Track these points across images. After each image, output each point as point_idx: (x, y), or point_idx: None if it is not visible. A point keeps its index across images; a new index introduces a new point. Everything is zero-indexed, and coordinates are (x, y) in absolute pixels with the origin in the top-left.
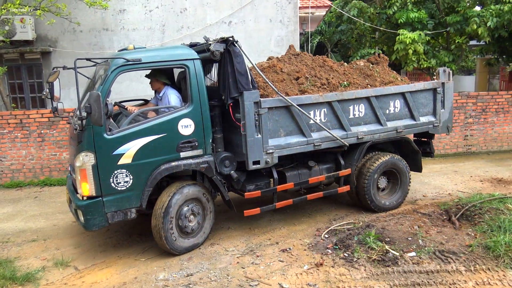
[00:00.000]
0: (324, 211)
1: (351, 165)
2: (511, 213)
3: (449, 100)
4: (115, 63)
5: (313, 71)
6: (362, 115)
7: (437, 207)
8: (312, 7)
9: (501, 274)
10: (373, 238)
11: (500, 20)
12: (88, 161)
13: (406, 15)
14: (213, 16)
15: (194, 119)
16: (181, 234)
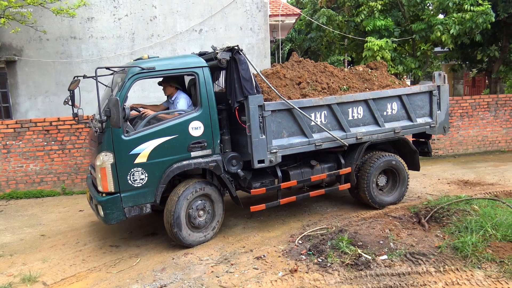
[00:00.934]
0: (297, 217)
1: (351, 164)
2: (477, 214)
3: (445, 102)
4: (131, 71)
5: (314, 76)
6: (361, 116)
7: (407, 210)
8: (282, 15)
9: (469, 273)
10: (346, 242)
11: (462, 27)
12: (108, 160)
13: (373, 23)
14: (183, 24)
15: (203, 122)
16: (191, 228)
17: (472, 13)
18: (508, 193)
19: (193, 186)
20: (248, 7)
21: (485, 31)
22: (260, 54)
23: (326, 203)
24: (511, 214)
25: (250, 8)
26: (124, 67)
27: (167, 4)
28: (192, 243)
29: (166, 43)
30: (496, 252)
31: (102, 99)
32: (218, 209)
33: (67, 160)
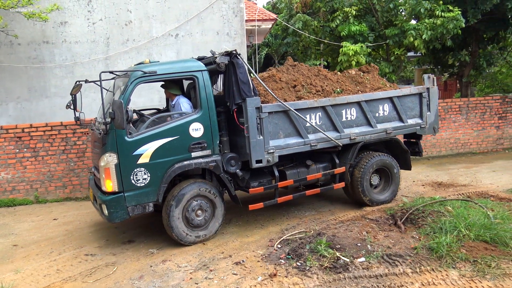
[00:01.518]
0: (276, 221)
1: (345, 163)
2: (451, 215)
3: (434, 104)
4: (134, 75)
5: (309, 79)
6: (354, 118)
7: (384, 212)
8: (259, 20)
9: (444, 274)
10: (324, 245)
11: (434, 33)
12: (112, 161)
13: (348, 28)
14: (159, 29)
15: (203, 123)
16: (188, 227)
17: (443, 19)
18: (480, 194)
19: (192, 186)
20: (224, 12)
21: (456, 37)
22: None
23: (304, 206)
24: (483, 215)
25: (226, 13)
26: (127, 71)
27: (143, 9)
28: (189, 242)
29: (141, 48)
30: (470, 252)
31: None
32: (218, 209)
33: (40, 167)
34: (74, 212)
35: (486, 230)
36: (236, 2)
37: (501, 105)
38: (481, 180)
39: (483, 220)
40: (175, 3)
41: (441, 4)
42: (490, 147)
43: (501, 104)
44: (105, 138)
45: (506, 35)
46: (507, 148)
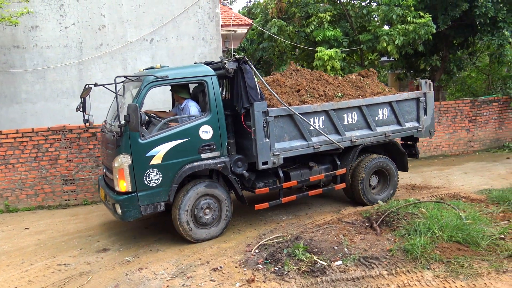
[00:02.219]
0: (253, 226)
1: (346, 165)
2: (425, 216)
3: (431, 108)
4: (147, 80)
5: (312, 84)
6: (355, 121)
7: (360, 215)
8: (234, 25)
9: (419, 275)
10: (301, 249)
11: (406, 38)
12: (126, 162)
13: (323, 34)
14: (133, 33)
15: (212, 126)
16: (197, 225)
17: (415, 25)
18: (452, 196)
19: (201, 185)
20: (200, 17)
21: (427, 42)
22: None
23: (281, 211)
24: (455, 216)
25: (202, 18)
26: (139, 75)
27: (116, 13)
28: (198, 239)
29: (116, 52)
30: (443, 253)
31: (113, 106)
32: (225, 207)
33: (10, 175)
34: (47, 220)
35: (459, 231)
36: (211, 7)
37: (471, 108)
38: (453, 182)
39: (456, 221)
40: (150, 7)
41: (413, 10)
42: (461, 149)
43: (471, 108)
44: (119, 140)
45: (474, 41)
46: (477, 150)
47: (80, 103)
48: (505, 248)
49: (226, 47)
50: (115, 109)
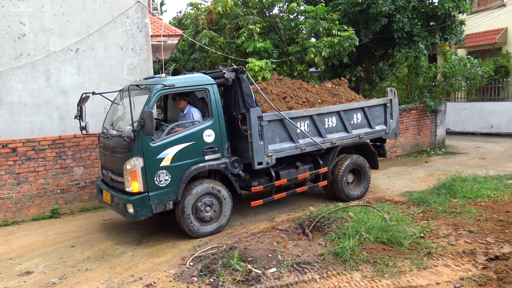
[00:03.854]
0: (188, 239)
1: (327, 164)
2: (353, 220)
3: (396, 113)
4: (155, 88)
5: (295, 92)
6: (334, 125)
7: (293, 222)
8: (164, 36)
9: (348, 276)
10: (236, 259)
11: (332, 50)
12: (138, 164)
13: (254, 45)
14: (57, 43)
15: (214, 130)
16: (199, 222)
17: (340, 38)
18: (378, 199)
19: (203, 185)
20: (128, 27)
21: (352, 54)
22: (143, 74)
23: None
24: (381, 218)
25: (130, 28)
26: (147, 84)
27: (38, 22)
28: (200, 235)
29: (38, 62)
30: (370, 254)
31: (111, 113)
32: (225, 205)
33: None
34: None
35: (384, 232)
36: (140, 17)
37: None
38: (379, 186)
39: (381, 223)
40: (75, 16)
41: (337, 24)
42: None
43: None
44: (131, 144)
45: (394, 53)
46: (399, 155)
47: (77, 111)
48: (424, 246)
49: (156, 57)
50: (113, 117)
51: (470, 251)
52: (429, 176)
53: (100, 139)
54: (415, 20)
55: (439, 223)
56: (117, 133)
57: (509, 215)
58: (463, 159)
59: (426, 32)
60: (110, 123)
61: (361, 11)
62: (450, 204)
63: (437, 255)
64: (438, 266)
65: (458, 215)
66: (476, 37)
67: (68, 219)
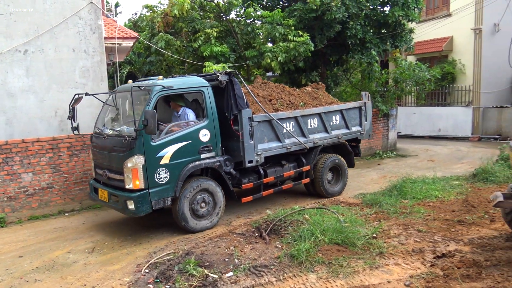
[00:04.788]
0: (143, 245)
1: (309, 163)
2: (309, 222)
3: (369, 115)
4: (155, 89)
5: (279, 95)
6: (316, 126)
7: (250, 226)
8: (119, 38)
9: (304, 278)
10: (193, 265)
11: (288, 55)
12: (140, 162)
13: (210, 49)
14: (3, 44)
15: (209, 129)
16: (195, 217)
17: (295, 43)
18: (333, 201)
19: (197, 182)
20: (80, 28)
21: (307, 59)
22: (97, 77)
23: (173, 227)
24: (335, 220)
25: (83, 29)
26: (147, 85)
27: None
28: (196, 230)
29: None
30: (325, 255)
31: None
32: (219, 201)
33: None
34: None
35: (338, 233)
36: (93, 18)
37: None
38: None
39: (336, 225)
40: (23, 16)
41: (293, 29)
42: None
43: None
44: (133, 142)
45: (348, 59)
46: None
47: (70, 111)
48: (377, 246)
49: (110, 60)
50: (105, 117)
51: (419, 249)
52: (381, 178)
53: (93, 140)
54: (367, 27)
55: (391, 224)
56: (116, 132)
57: (454, 214)
58: (413, 162)
59: (378, 39)
60: (103, 124)
61: (316, 18)
62: (401, 205)
63: (389, 255)
64: (389, 265)
65: (408, 215)
66: (424, 44)
67: (15, 228)
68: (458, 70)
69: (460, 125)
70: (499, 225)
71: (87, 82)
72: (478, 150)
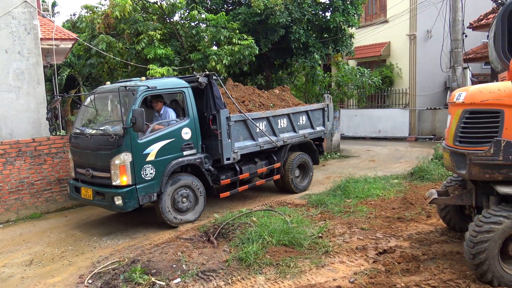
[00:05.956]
0: (86, 255)
1: (280, 161)
2: (256, 225)
3: (331, 116)
4: (140, 89)
5: (250, 96)
6: (285, 126)
7: (197, 230)
8: (56, 39)
9: (252, 280)
10: (139, 272)
11: (233, 58)
12: (127, 159)
13: (154, 51)
14: None
15: (190, 128)
16: (177, 212)
17: (240, 46)
18: (280, 203)
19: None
20: (14, 29)
21: (252, 62)
22: (33, 80)
23: (117, 235)
24: (282, 221)
25: (16, 29)
26: (131, 86)
27: None
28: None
29: None
30: (273, 256)
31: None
32: (200, 196)
33: None
34: None
35: (285, 234)
36: (28, 18)
37: None
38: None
39: (283, 226)
40: None
41: (238, 33)
42: None
43: None
44: (120, 140)
45: (292, 63)
46: None
47: (47, 112)
48: (322, 245)
49: (48, 62)
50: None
51: (362, 247)
52: (326, 179)
53: (73, 140)
54: (310, 32)
55: (335, 223)
56: (100, 131)
57: (394, 211)
58: (356, 162)
59: (320, 43)
60: (82, 124)
61: (260, 22)
62: (345, 204)
63: (334, 253)
64: (334, 263)
65: (352, 214)
66: (364, 49)
67: None
68: (396, 74)
69: (399, 126)
70: (434, 220)
71: (22, 85)
72: (415, 150)
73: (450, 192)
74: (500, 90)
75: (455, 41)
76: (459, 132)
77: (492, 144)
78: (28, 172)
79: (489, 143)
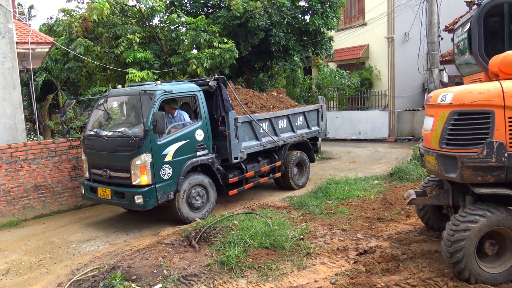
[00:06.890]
0: (65, 262)
1: (280, 159)
2: (238, 228)
3: (325, 116)
4: (158, 94)
5: (251, 98)
6: (285, 126)
7: (179, 235)
8: (33, 43)
9: (234, 284)
10: (119, 279)
11: (213, 62)
12: (148, 160)
13: (133, 55)
14: None
15: (203, 130)
16: (191, 209)
17: (220, 50)
18: (261, 205)
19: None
20: None
21: (233, 66)
22: (8, 85)
23: (97, 241)
24: (264, 224)
25: None
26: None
27: None
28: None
29: None
30: (255, 259)
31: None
32: (211, 194)
33: None
34: None
35: (267, 237)
36: (2, 22)
37: None
38: (262, 192)
39: (264, 229)
40: None
41: (218, 36)
42: None
43: None
44: (141, 142)
45: (272, 65)
46: None
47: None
48: (304, 247)
49: (24, 66)
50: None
51: (343, 248)
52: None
53: (86, 142)
54: (290, 35)
55: (317, 224)
56: (118, 133)
57: (374, 212)
58: (337, 164)
59: (300, 46)
60: (97, 127)
61: (240, 25)
62: (326, 205)
63: (315, 255)
64: (316, 265)
65: (333, 216)
66: (343, 52)
67: None
68: (375, 76)
69: (378, 128)
70: (413, 220)
71: None
72: (394, 151)
73: (428, 192)
74: (489, 90)
75: (431, 44)
76: (447, 135)
77: (485, 146)
78: (4, 179)
79: (480, 145)
